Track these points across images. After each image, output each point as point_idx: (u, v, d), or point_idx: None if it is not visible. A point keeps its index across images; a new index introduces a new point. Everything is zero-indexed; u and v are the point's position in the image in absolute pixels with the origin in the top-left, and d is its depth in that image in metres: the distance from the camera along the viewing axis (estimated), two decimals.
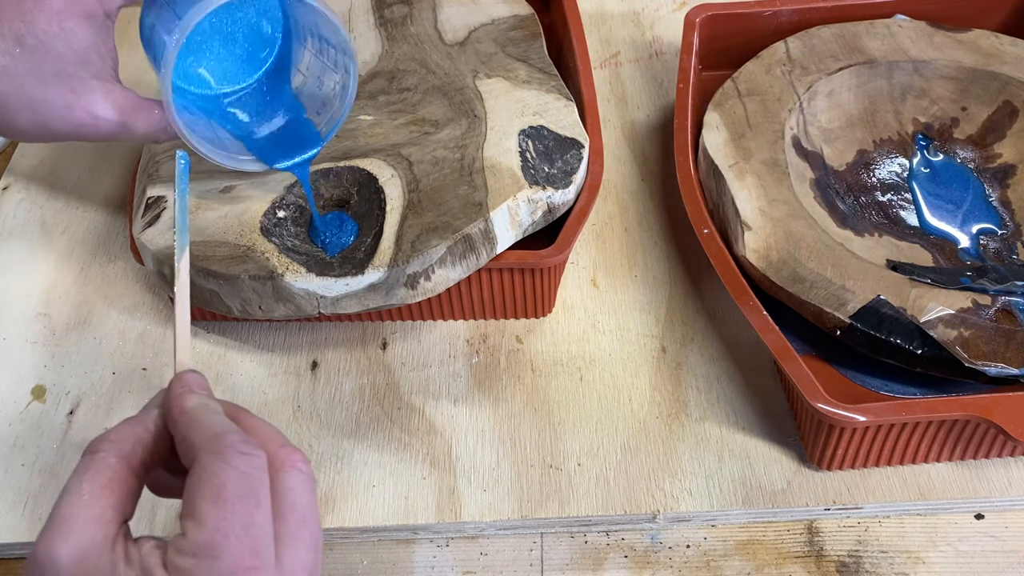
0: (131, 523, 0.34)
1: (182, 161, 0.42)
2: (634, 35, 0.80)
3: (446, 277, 0.52)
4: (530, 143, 0.56)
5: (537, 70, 0.62)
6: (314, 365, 0.58)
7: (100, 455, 0.33)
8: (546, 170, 0.55)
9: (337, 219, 0.54)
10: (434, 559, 0.50)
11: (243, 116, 0.54)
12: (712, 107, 0.62)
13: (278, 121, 0.54)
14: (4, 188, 0.69)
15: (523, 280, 0.56)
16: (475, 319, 0.60)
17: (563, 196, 0.55)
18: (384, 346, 0.59)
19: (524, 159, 0.55)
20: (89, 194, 0.68)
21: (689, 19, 0.68)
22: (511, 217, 0.52)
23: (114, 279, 0.63)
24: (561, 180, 0.55)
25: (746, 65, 0.64)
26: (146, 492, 0.36)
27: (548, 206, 0.54)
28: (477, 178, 0.53)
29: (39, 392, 0.57)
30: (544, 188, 0.54)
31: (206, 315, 0.59)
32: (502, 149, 0.55)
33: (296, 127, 0.54)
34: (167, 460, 0.36)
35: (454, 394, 0.56)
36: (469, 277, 0.53)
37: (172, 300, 0.59)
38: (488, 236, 0.52)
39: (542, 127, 0.57)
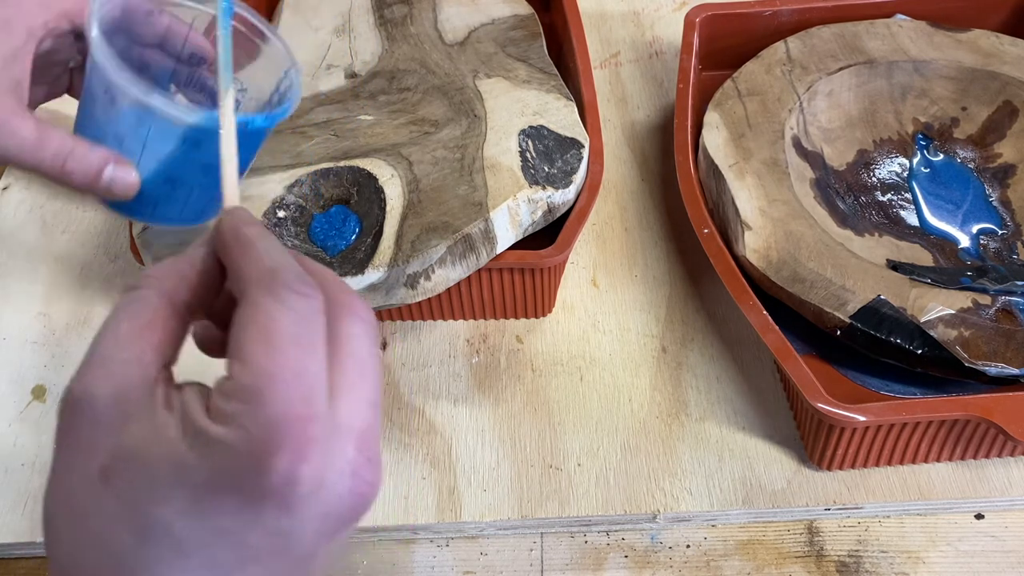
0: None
1: (224, 2, 0.40)
2: (634, 35, 0.80)
3: (446, 277, 0.52)
4: (530, 143, 0.56)
5: (537, 70, 0.62)
6: None
7: (140, 291, 0.30)
8: (546, 170, 0.55)
9: (341, 213, 0.54)
10: (434, 559, 0.50)
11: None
12: (712, 107, 0.62)
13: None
14: (4, 188, 0.69)
15: (523, 280, 0.56)
16: (475, 319, 0.60)
17: (563, 196, 0.55)
18: (384, 346, 0.58)
19: (524, 159, 0.55)
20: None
21: (689, 19, 0.68)
22: (511, 217, 0.52)
23: (114, 279, 0.63)
24: (561, 180, 0.55)
25: (746, 65, 0.64)
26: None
27: (548, 206, 0.54)
28: (477, 178, 0.53)
29: (39, 392, 0.57)
30: (544, 188, 0.54)
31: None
32: (502, 149, 0.55)
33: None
34: (213, 304, 0.33)
35: (454, 394, 0.56)
36: (469, 277, 0.53)
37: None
38: (488, 236, 0.52)
39: (542, 127, 0.57)
